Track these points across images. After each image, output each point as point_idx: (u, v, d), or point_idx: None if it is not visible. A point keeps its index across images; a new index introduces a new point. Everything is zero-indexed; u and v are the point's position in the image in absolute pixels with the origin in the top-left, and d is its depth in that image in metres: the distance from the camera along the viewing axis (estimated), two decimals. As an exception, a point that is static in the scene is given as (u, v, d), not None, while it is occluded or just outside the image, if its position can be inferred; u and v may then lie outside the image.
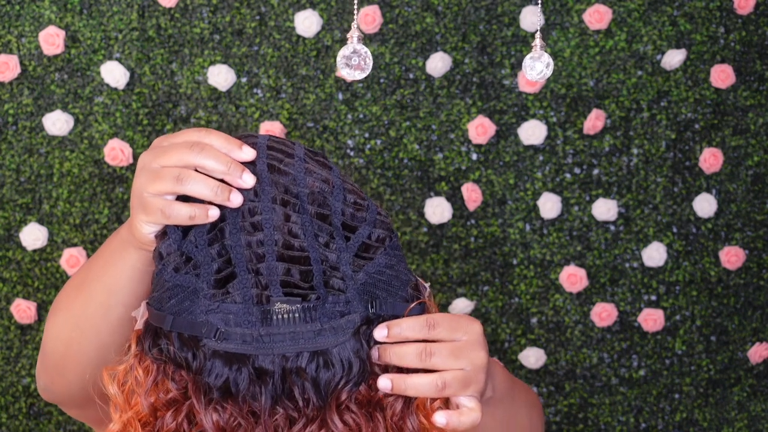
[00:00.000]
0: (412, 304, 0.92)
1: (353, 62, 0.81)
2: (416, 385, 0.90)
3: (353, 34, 0.81)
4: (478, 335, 0.93)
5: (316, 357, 0.88)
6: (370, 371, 0.90)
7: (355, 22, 0.81)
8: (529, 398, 1.17)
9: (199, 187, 0.89)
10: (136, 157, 2.01)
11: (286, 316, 0.87)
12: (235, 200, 0.89)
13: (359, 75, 0.82)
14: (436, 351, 0.90)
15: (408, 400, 0.92)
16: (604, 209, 2.08)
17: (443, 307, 2.09)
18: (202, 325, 0.88)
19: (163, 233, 0.92)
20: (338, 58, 0.81)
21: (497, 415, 1.06)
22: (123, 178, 2.02)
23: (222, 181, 0.90)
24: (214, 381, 0.88)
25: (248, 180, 0.90)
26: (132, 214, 0.94)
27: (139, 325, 0.94)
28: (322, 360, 0.88)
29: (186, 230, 0.91)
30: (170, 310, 0.90)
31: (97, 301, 1.00)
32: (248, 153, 0.91)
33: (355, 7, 0.73)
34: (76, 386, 1.05)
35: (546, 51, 0.90)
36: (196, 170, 0.90)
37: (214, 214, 0.89)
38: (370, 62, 0.80)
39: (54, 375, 1.07)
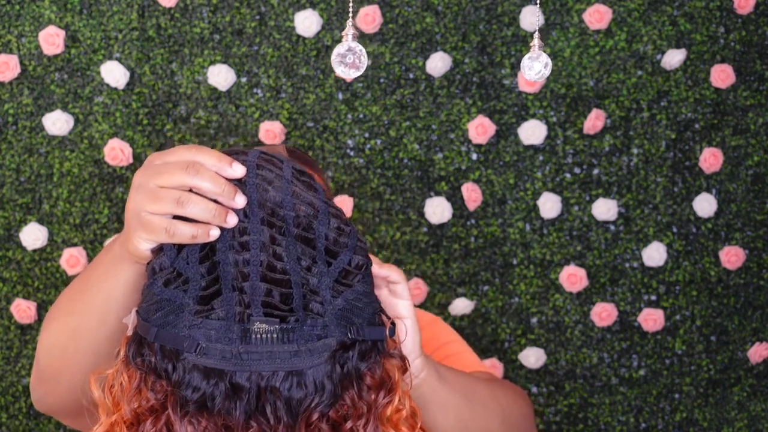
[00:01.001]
0: (388, 325, 0.97)
1: (348, 60, 0.81)
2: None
3: (348, 32, 0.81)
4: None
5: (291, 377, 0.91)
6: (341, 396, 0.93)
7: (350, 19, 0.81)
8: (503, 383, 1.23)
9: (198, 210, 0.93)
10: (136, 156, 2.01)
11: (264, 335, 0.90)
12: (231, 221, 0.93)
13: (354, 73, 0.82)
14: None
15: (375, 421, 0.96)
16: (604, 209, 2.08)
17: (443, 307, 2.09)
18: (183, 339, 0.91)
19: (159, 249, 0.95)
20: (333, 56, 0.82)
21: (455, 386, 1.12)
22: (123, 178, 2.03)
23: (215, 201, 0.94)
24: (191, 395, 0.91)
25: (240, 201, 0.94)
26: (128, 231, 0.96)
27: (130, 331, 0.97)
28: (296, 380, 0.91)
29: (180, 247, 0.94)
30: (155, 323, 0.93)
31: (95, 311, 1.04)
32: (238, 170, 0.94)
33: (350, 4, 0.73)
34: (72, 395, 1.08)
35: (545, 51, 0.90)
36: (191, 190, 0.94)
37: (215, 234, 0.93)
38: (365, 60, 0.80)
39: (49, 384, 1.11)
